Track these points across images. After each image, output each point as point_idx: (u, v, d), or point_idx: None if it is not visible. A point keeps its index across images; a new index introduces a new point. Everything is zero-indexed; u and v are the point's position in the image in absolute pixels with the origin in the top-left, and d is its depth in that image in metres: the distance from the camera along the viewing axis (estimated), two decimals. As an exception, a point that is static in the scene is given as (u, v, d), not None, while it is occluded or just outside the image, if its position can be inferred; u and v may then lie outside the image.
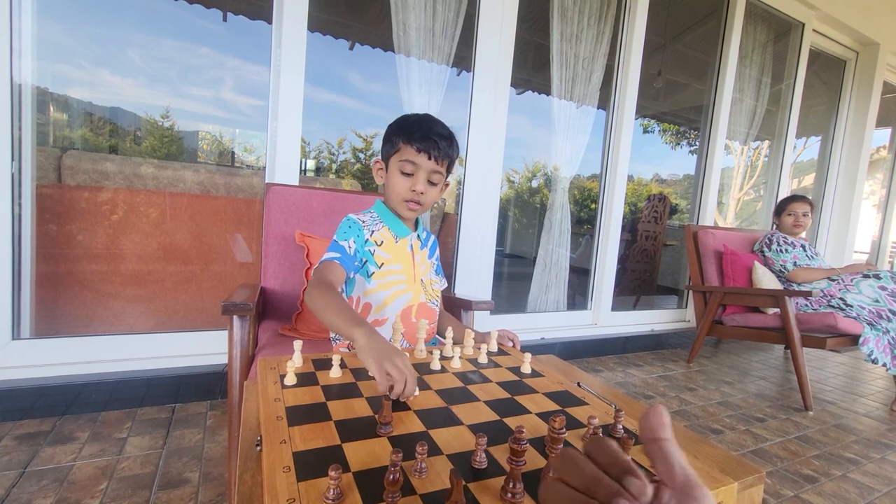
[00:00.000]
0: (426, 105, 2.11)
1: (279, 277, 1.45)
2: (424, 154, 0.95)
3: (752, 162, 4.42)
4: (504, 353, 0.90)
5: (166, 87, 2.64)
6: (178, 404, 1.67)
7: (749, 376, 2.50)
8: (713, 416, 1.91)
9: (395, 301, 1.02)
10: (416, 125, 0.96)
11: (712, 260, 2.65)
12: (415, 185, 0.97)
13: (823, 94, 4.07)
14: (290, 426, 0.55)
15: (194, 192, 2.14)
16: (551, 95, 2.52)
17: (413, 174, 0.97)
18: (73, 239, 1.80)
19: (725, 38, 3.01)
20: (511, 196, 6.19)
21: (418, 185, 0.97)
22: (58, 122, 2.13)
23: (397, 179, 0.98)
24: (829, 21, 3.44)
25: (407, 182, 0.97)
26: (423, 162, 0.96)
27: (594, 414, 0.61)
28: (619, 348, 2.72)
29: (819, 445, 1.70)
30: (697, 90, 3.94)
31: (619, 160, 2.70)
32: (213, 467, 1.29)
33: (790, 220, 2.55)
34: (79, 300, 1.83)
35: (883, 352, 2.01)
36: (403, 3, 2.00)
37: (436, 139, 0.95)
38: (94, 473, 1.22)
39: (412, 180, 0.97)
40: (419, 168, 0.96)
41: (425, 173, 0.97)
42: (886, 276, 2.18)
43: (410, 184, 0.97)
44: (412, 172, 0.97)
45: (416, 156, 0.95)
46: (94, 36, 2.24)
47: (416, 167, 0.96)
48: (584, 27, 2.49)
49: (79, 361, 1.60)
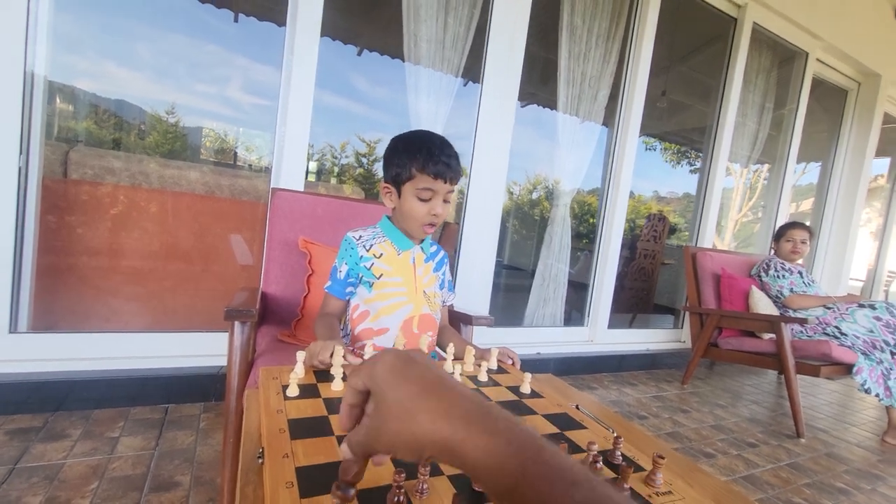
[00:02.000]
0: (434, 113, 2.12)
1: (281, 283, 1.45)
2: (441, 180, 0.97)
3: (752, 184, 4.46)
4: (504, 371, 0.91)
5: (173, 81, 2.66)
6: (172, 405, 1.67)
7: (742, 400, 2.51)
8: (706, 439, 1.91)
9: (394, 312, 1.03)
10: (427, 152, 0.96)
11: (710, 282, 2.67)
12: (434, 210, 0.99)
13: (825, 121, 4.12)
14: (292, 440, 0.55)
15: (199, 193, 2.15)
16: (556, 110, 2.55)
17: (431, 199, 0.99)
18: (75, 233, 1.80)
19: (730, 62, 3.05)
20: (511, 207, 6.21)
21: (437, 208, 0.99)
22: (63, 113, 2.14)
23: (415, 205, 0.99)
24: (833, 51, 3.50)
25: (425, 207, 0.99)
26: (440, 187, 0.98)
27: (593, 439, 0.62)
28: (614, 366, 2.73)
29: (810, 474, 1.70)
30: (700, 111, 3.99)
31: (621, 178, 2.72)
32: (205, 471, 1.28)
33: (789, 247, 2.57)
34: (78, 295, 1.83)
35: (876, 382, 2.02)
36: (416, 15, 2.02)
37: (447, 162, 0.96)
38: (85, 472, 1.21)
39: (430, 205, 0.99)
40: (436, 193, 0.98)
41: (442, 196, 0.99)
42: (882, 306, 2.20)
43: (429, 208, 0.99)
44: (430, 198, 0.98)
45: (434, 182, 0.97)
46: (105, 27, 2.25)
47: (434, 193, 0.98)
48: (591, 46, 2.53)
49: (74, 358, 1.60)
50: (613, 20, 2.58)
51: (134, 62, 2.42)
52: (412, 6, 2.01)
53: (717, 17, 3.00)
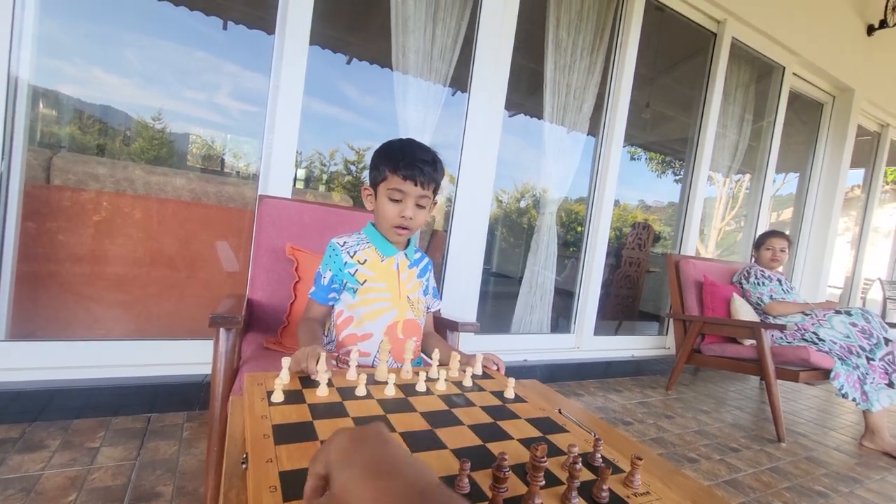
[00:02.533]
0: (422, 122, 2.15)
1: (267, 290, 1.44)
2: (411, 182, 0.98)
3: (734, 194, 4.57)
4: (488, 376, 0.92)
5: (161, 88, 2.64)
6: (154, 414, 1.64)
7: (725, 405, 2.55)
8: (690, 444, 1.94)
9: (378, 318, 1.04)
10: (400, 154, 0.99)
11: (693, 289, 2.72)
12: (403, 212, 1.00)
13: (802, 133, 4.25)
14: (276, 444, 0.56)
15: (185, 199, 2.13)
16: (543, 120, 2.59)
17: (401, 201, 1.00)
18: (58, 240, 1.78)
19: (711, 75, 3.14)
20: (499, 215, 6.25)
21: (407, 210, 1.00)
22: (46, 118, 2.11)
23: (386, 206, 1.01)
24: (809, 66, 3.62)
25: (396, 208, 1.01)
26: (410, 189, 0.99)
27: (574, 442, 0.63)
28: (600, 373, 2.75)
29: (790, 477, 1.74)
30: (683, 123, 4.08)
31: (606, 187, 2.77)
32: (188, 481, 1.26)
33: (768, 255, 2.64)
34: (60, 302, 1.80)
35: (853, 387, 2.07)
36: (404, 26, 2.05)
37: (420, 166, 0.98)
38: (64, 484, 1.19)
39: (401, 206, 1.00)
40: (407, 195, 1.00)
41: (413, 199, 1.01)
42: (857, 313, 2.26)
43: (399, 210, 1.01)
44: (400, 199, 1.00)
45: (403, 183, 0.99)
46: (91, 33, 2.24)
47: (404, 194, 1.00)
48: (577, 58, 2.58)
49: (54, 366, 1.57)
50: (597, 34, 2.64)
51: (122, 68, 2.40)
52: (401, 18, 2.04)
53: (698, 31, 3.09)
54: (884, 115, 4.42)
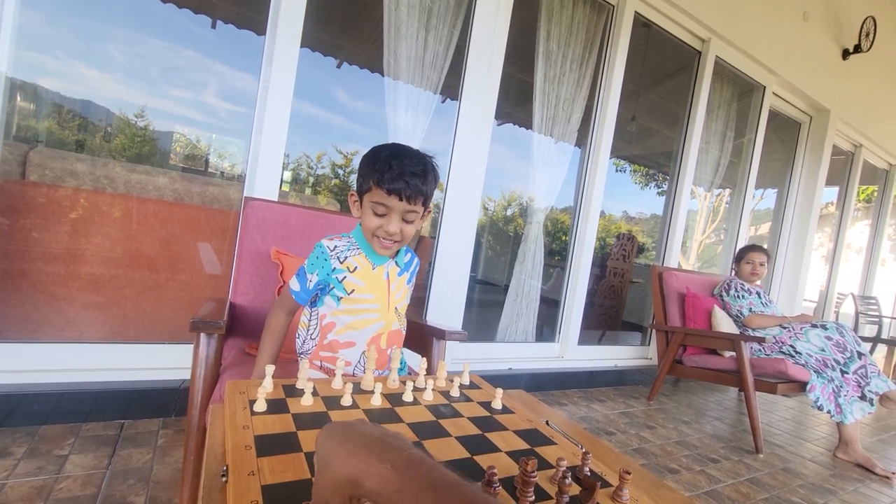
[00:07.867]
0: (412, 128, 2.14)
1: (250, 294, 1.41)
2: (395, 196, 0.90)
3: (715, 207, 4.67)
4: (476, 386, 0.91)
5: (145, 84, 2.59)
6: (128, 421, 1.58)
7: (705, 416, 2.58)
8: (671, 455, 1.95)
9: (364, 328, 1.01)
10: (387, 165, 0.90)
11: (675, 301, 2.76)
12: (387, 227, 0.93)
13: (781, 150, 4.38)
14: (258, 457, 0.54)
15: (167, 199, 2.08)
16: (531, 130, 2.62)
17: (385, 215, 0.93)
18: (31, 237, 1.71)
19: (695, 92, 3.22)
20: (486, 223, 6.27)
21: (391, 226, 0.93)
22: (23, 111, 2.05)
23: (370, 218, 0.95)
24: (787, 86, 3.74)
25: (378, 221, 0.94)
26: (395, 204, 0.91)
27: (563, 455, 0.63)
28: (583, 382, 2.76)
29: (768, 488, 1.76)
30: (667, 137, 4.17)
31: (592, 198, 2.80)
32: (162, 491, 1.22)
33: (748, 269, 2.69)
34: (31, 303, 1.73)
35: (828, 399, 2.12)
36: (396, 32, 2.05)
37: (408, 179, 0.89)
38: (29, 494, 1.13)
39: (384, 220, 0.93)
40: (391, 210, 0.92)
41: (398, 214, 0.93)
42: (832, 327, 2.32)
43: (381, 224, 0.94)
44: (384, 214, 0.93)
45: (388, 198, 0.90)
46: (75, 26, 2.19)
47: (388, 209, 0.92)
48: (566, 71, 2.62)
49: (23, 369, 1.50)
50: (587, 47, 2.68)
51: (105, 63, 2.35)
52: (393, 24, 2.04)
53: (683, 49, 3.16)
54: (857, 135, 4.58)
